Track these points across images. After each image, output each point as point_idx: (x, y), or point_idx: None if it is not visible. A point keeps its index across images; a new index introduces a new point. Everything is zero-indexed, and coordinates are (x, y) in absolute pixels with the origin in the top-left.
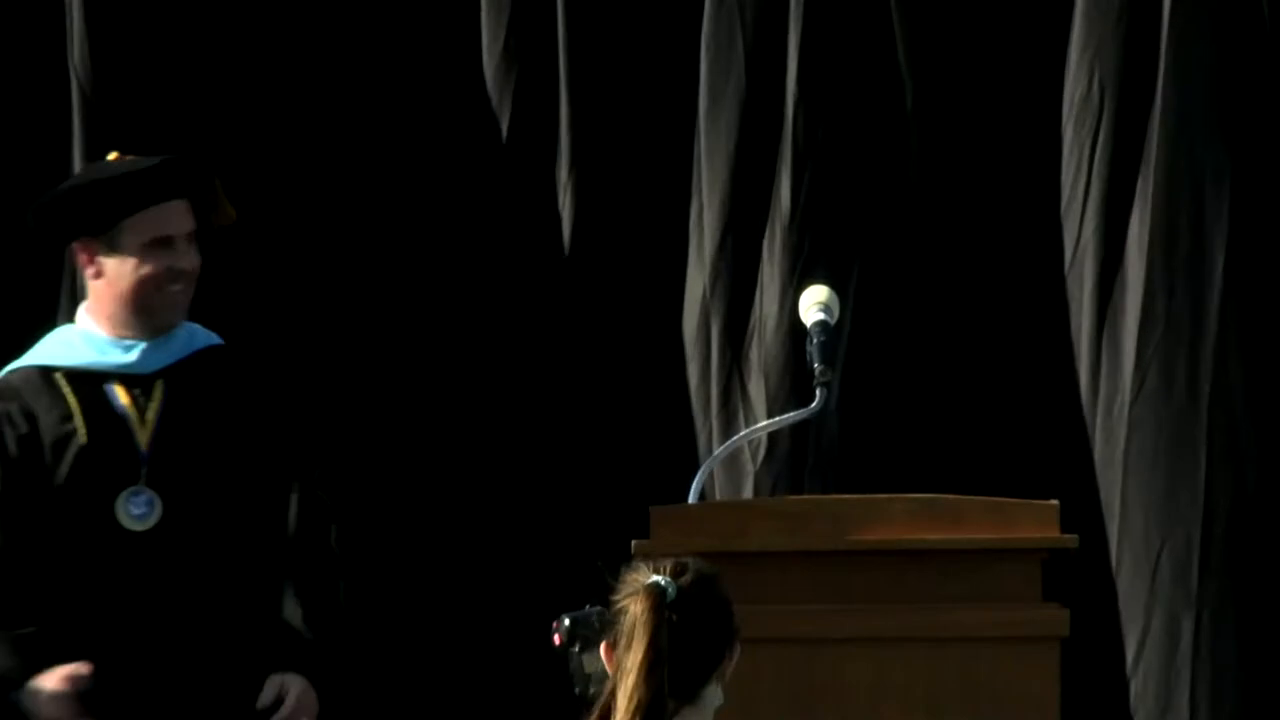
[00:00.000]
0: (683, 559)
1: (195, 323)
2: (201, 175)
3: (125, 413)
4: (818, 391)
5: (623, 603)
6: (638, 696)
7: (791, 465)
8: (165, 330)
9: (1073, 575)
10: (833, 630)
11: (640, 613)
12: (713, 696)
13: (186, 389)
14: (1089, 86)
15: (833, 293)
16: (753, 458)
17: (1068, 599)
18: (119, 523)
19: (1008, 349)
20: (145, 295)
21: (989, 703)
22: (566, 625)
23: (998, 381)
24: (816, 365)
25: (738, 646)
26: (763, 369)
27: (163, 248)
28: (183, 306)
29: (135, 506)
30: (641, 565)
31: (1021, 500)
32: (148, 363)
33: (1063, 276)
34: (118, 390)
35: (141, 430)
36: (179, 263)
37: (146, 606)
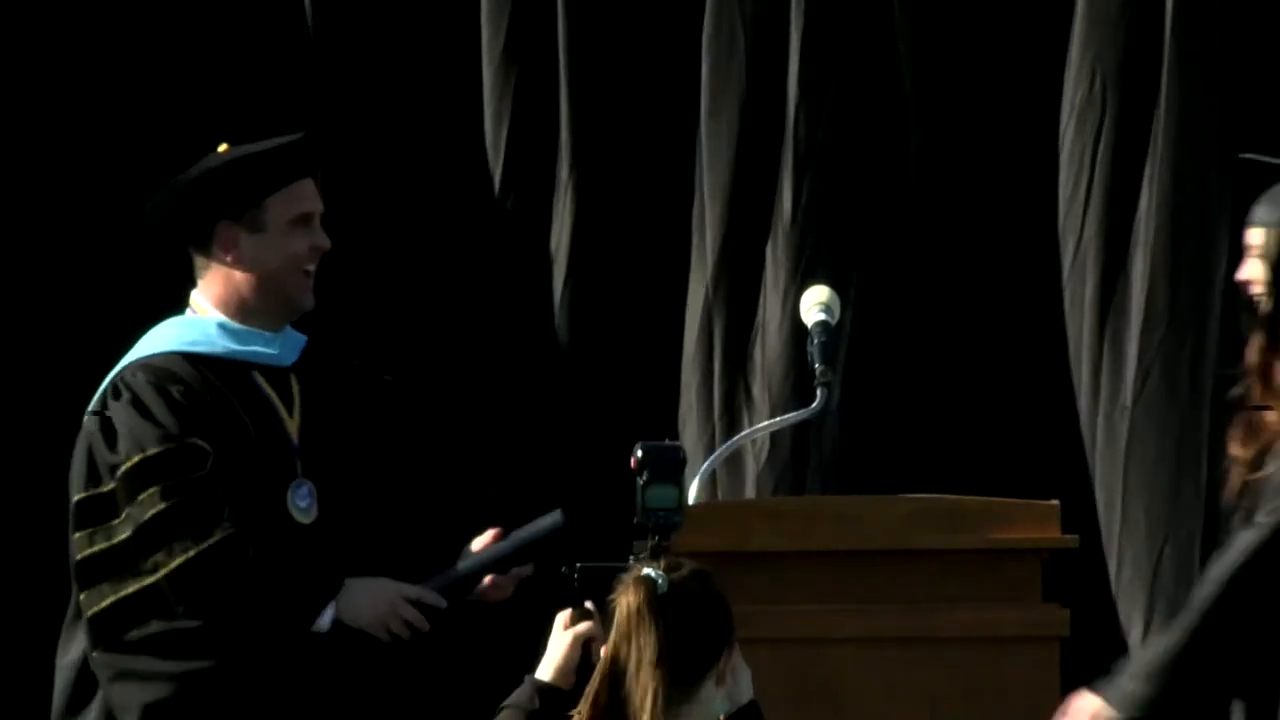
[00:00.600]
0: (678, 558)
1: None
2: (328, 154)
3: (276, 405)
4: (819, 392)
5: (616, 597)
6: (654, 684)
7: (793, 465)
8: (295, 316)
9: (1073, 575)
10: (833, 630)
11: (634, 604)
12: (711, 696)
13: (313, 382)
14: (1090, 87)
15: (834, 293)
16: (754, 458)
17: (1068, 599)
18: (291, 516)
19: (1009, 349)
20: (289, 275)
21: (989, 703)
22: (641, 454)
23: (998, 382)
24: (817, 365)
25: (736, 646)
26: (764, 369)
27: (305, 225)
28: (312, 290)
29: (300, 499)
30: (638, 563)
31: (1021, 500)
32: (285, 355)
33: (1064, 277)
34: (263, 382)
35: (290, 422)
36: (319, 240)
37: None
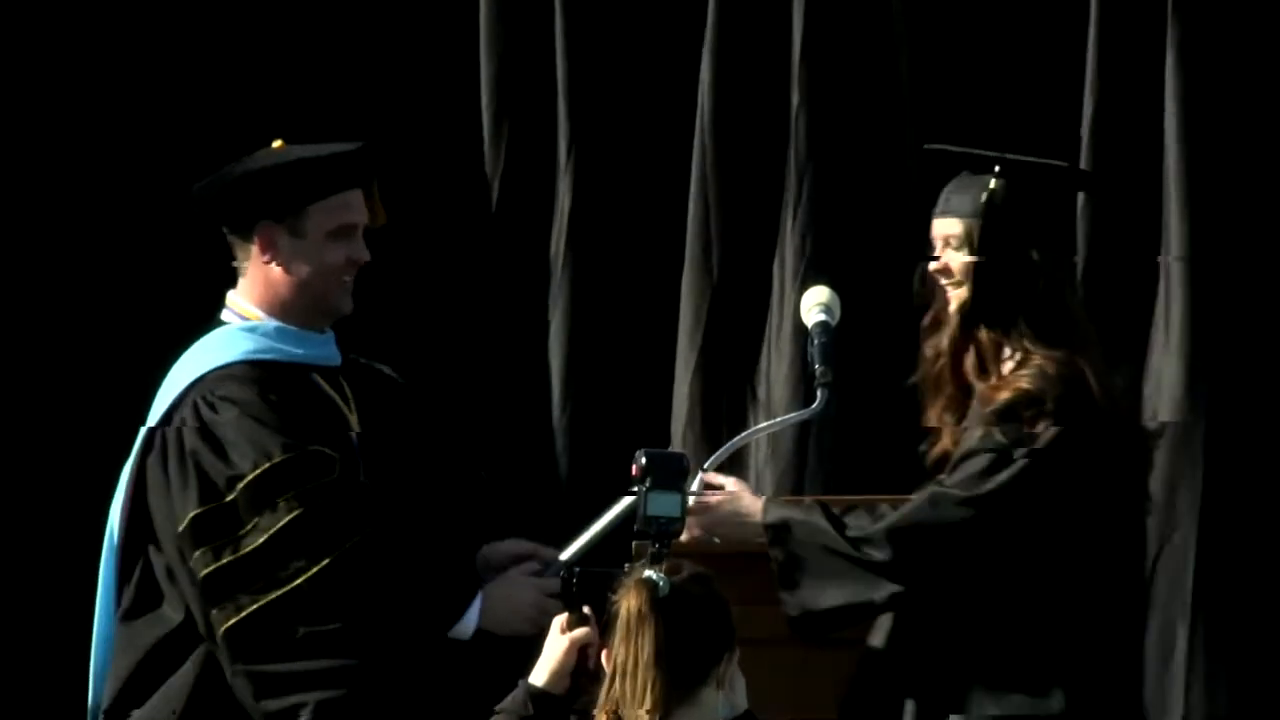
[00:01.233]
0: (679, 560)
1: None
2: (383, 166)
3: (339, 406)
4: (819, 392)
5: (617, 600)
6: (654, 685)
7: (793, 466)
8: (334, 318)
9: None
10: None
11: (634, 606)
12: (711, 700)
13: (360, 382)
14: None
15: (834, 293)
16: (755, 458)
17: None
18: None
19: None
20: (325, 284)
21: None
22: (644, 462)
23: None
24: (817, 366)
25: (736, 651)
26: (765, 370)
27: (345, 237)
28: (350, 294)
29: None
30: (637, 567)
31: None
32: (336, 355)
33: None
34: (324, 383)
35: (352, 420)
36: (358, 253)
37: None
